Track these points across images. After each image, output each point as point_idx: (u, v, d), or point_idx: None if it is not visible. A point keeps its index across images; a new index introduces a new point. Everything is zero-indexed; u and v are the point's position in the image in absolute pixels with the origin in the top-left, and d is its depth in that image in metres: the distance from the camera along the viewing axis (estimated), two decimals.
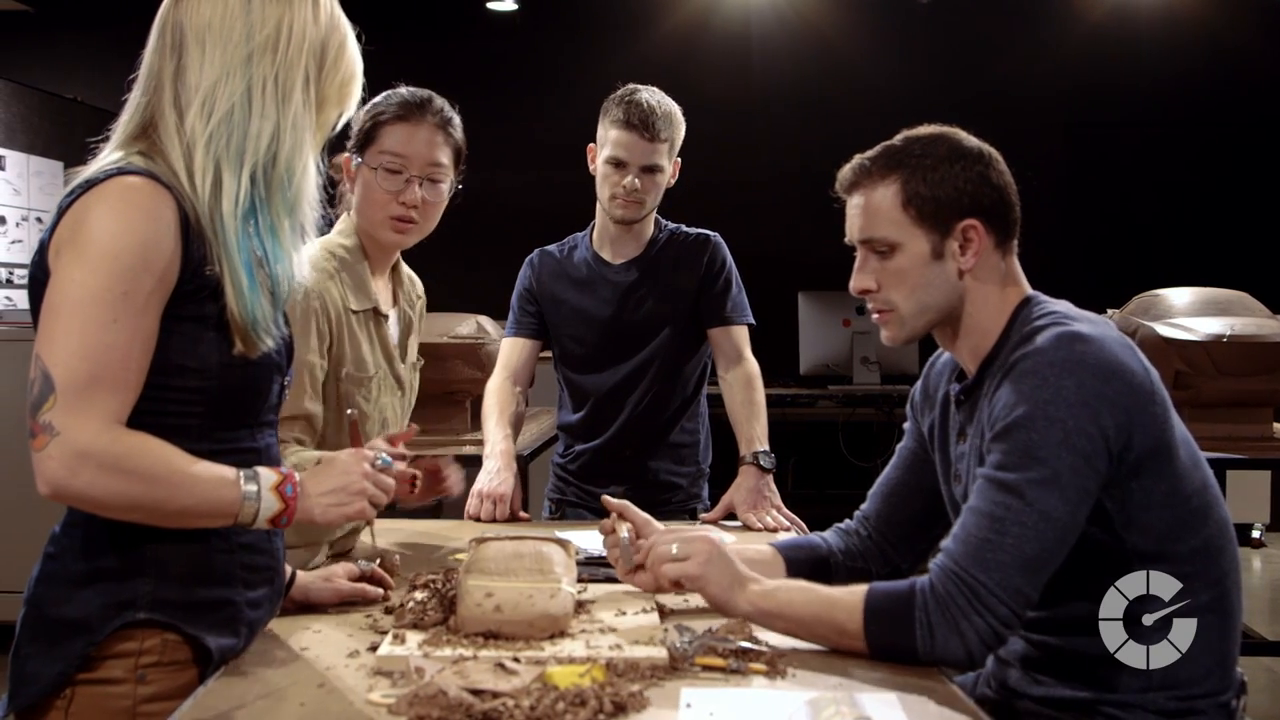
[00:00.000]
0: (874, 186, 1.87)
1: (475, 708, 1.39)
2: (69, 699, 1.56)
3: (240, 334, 1.62)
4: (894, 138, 1.92)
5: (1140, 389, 1.71)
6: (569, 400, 3.10)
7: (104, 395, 1.50)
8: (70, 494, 1.50)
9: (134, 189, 1.55)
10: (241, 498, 1.58)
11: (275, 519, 1.61)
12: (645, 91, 2.87)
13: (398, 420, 2.48)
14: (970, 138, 1.91)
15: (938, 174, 1.84)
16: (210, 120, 1.61)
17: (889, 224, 1.85)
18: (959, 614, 1.64)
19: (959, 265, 1.85)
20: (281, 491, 1.61)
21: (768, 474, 2.79)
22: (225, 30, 1.62)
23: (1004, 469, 1.68)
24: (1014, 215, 1.90)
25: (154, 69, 1.65)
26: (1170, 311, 4.51)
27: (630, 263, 3.01)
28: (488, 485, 2.72)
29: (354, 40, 1.76)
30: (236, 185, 1.61)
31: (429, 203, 2.37)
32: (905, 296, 1.87)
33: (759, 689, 1.56)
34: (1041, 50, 7.65)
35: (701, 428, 3.12)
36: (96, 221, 1.53)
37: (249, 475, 1.60)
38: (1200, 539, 1.76)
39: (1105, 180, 7.79)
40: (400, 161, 2.34)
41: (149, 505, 1.53)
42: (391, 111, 2.37)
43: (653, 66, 7.90)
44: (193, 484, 1.55)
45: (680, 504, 3.05)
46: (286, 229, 1.68)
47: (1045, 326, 1.76)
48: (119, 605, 1.58)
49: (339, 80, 1.73)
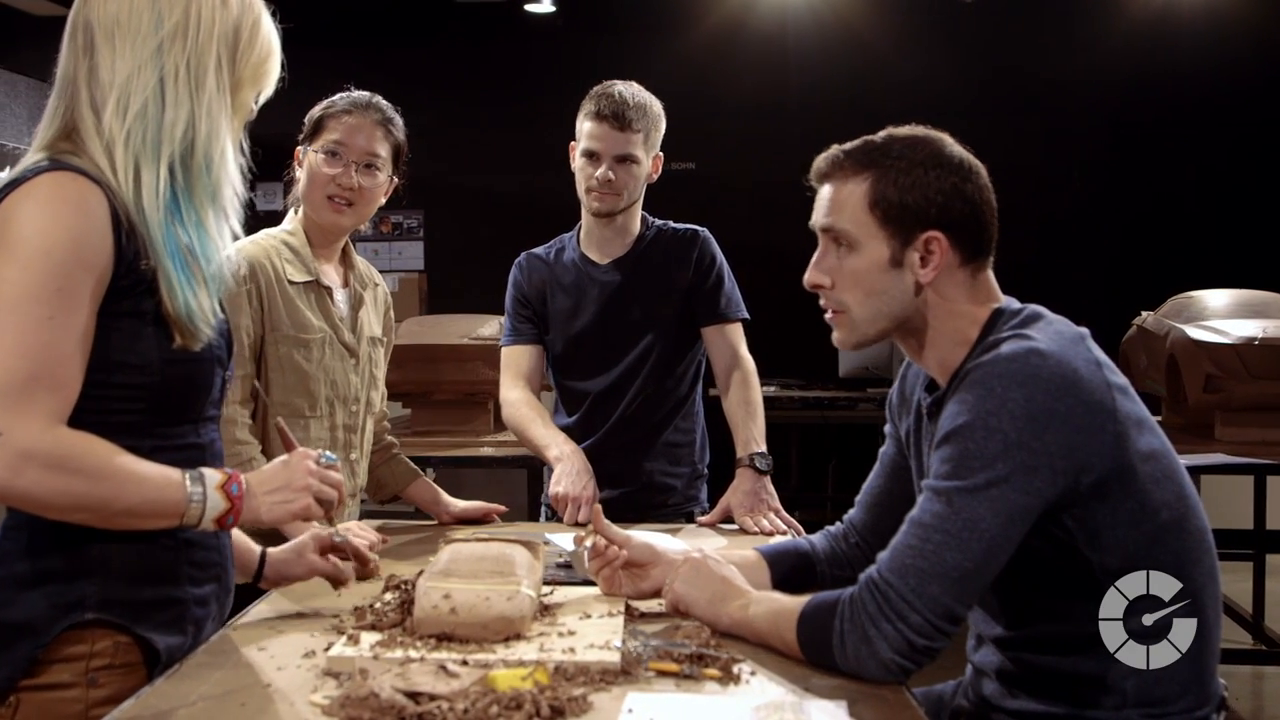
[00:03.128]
0: (845, 180, 1.81)
1: (408, 710, 1.37)
2: (14, 706, 1.55)
3: (178, 328, 1.61)
4: (878, 133, 1.85)
5: (1096, 407, 1.64)
6: (563, 404, 3.07)
7: (44, 394, 1.49)
8: (14, 494, 1.49)
9: (62, 184, 1.55)
10: (187, 498, 1.58)
11: (221, 519, 1.61)
12: (620, 85, 2.86)
13: (356, 388, 2.68)
14: (955, 146, 1.83)
15: (909, 179, 1.76)
16: (126, 117, 1.60)
17: (852, 220, 1.79)
18: (868, 621, 1.59)
19: (917, 277, 1.77)
20: (227, 491, 1.61)
21: (765, 476, 2.75)
22: (133, 23, 1.62)
23: (939, 477, 1.64)
24: (987, 233, 1.81)
25: (68, 73, 1.65)
26: (1203, 313, 4.43)
27: (617, 262, 2.98)
28: (572, 488, 2.66)
29: (269, 19, 1.74)
30: (155, 178, 1.61)
31: (364, 188, 2.62)
32: (858, 300, 1.81)
33: (707, 695, 1.53)
34: (1084, 48, 7.53)
35: (697, 428, 3.08)
36: (26, 218, 1.52)
37: (194, 476, 1.60)
38: (1171, 553, 1.70)
39: (1149, 179, 7.66)
40: (340, 148, 2.60)
41: (94, 505, 1.52)
42: (339, 106, 2.64)
43: (690, 66, 7.92)
44: (138, 484, 1.55)
45: (677, 506, 3.01)
46: (211, 217, 1.67)
47: (1007, 339, 1.69)
48: (66, 606, 1.57)
49: (254, 61, 1.71)
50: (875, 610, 1.59)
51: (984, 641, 1.85)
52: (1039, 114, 7.73)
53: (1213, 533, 1.77)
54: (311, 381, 2.59)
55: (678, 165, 8.19)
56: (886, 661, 1.58)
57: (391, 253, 9.01)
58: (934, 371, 1.85)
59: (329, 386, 2.63)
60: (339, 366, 2.65)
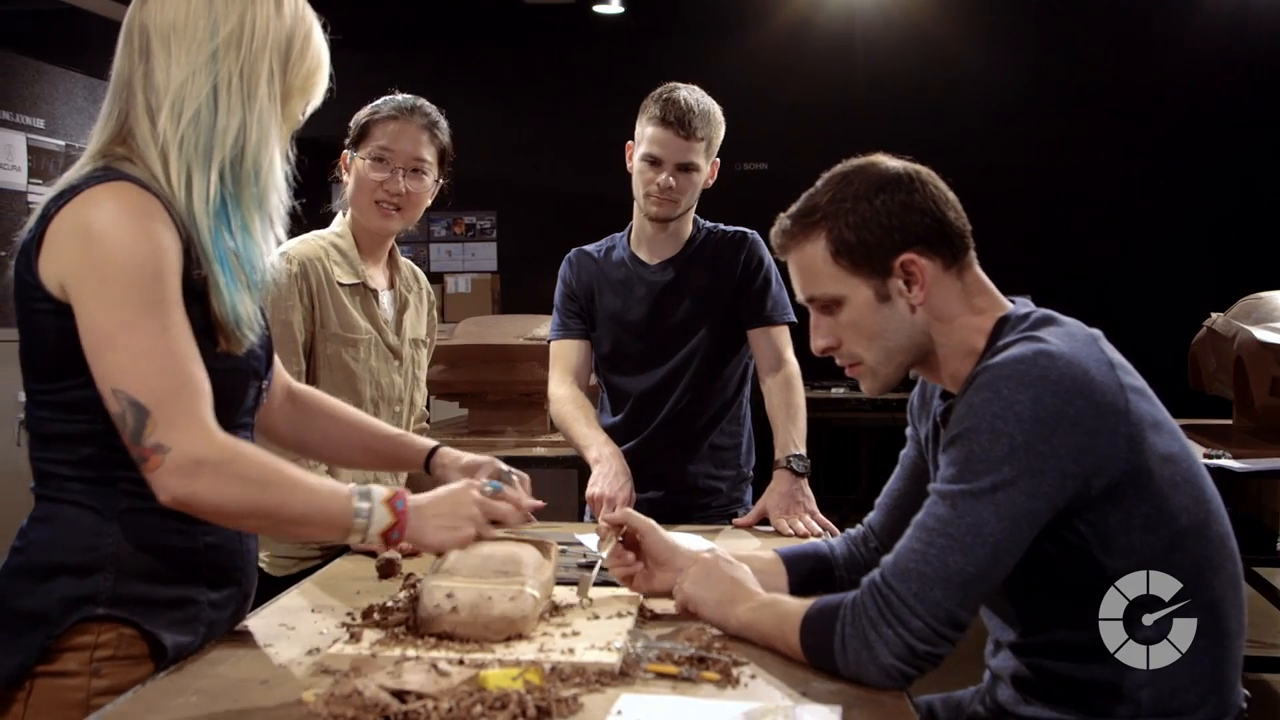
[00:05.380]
0: (802, 245, 1.79)
1: (391, 708, 1.37)
2: (28, 690, 1.59)
3: (224, 332, 1.65)
4: (816, 184, 1.82)
5: (1108, 408, 1.60)
6: (609, 402, 3.07)
7: (193, 400, 1.54)
8: (192, 501, 1.54)
9: (127, 195, 1.57)
10: (354, 511, 1.62)
11: (386, 532, 1.65)
12: (684, 89, 2.84)
13: (400, 389, 2.73)
14: (890, 162, 1.79)
15: (858, 216, 1.73)
16: (180, 122, 1.63)
17: (826, 279, 1.77)
18: (868, 625, 1.57)
19: (910, 301, 1.75)
20: (393, 505, 1.65)
21: (801, 478, 2.72)
22: (189, 29, 1.64)
23: (944, 480, 1.61)
24: (955, 230, 1.77)
25: (123, 75, 1.68)
26: (1272, 314, 4.32)
27: (667, 262, 2.98)
28: (608, 489, 2.67)
29: (319, 32, 1.77)
30: (206, 183, 1.63)
31: (411, 193, 2.65)
32: (866, 347, 1.79)
33: (701, 698, 1.51)
34: (1160, 45, 7.39)
35: (743, 430, 3.06)
36: (108, 237, 1.54)
37: (361, 491, 1.64)
38: (1190, 560, 1.65)
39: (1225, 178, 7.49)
40: (387, 154, 2.63)
41: (266, 510, 1.57)
42: (384, 112, 2.66)
43: (759, 66, 7.90)
44: (307, 491, 1.60)
45: (721, 508, 2.99)
46: (257, 223, 1.70)
47: (1016, 341, 1.66)
48: (79, 600, 1.60)
49: (304, 72, 1.74)
50: (876, 614, 1.57)
51: (1001, 647, 1.82)
52: (1115, 114, 7.59)
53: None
54: (358, 381, 2.65)
55: (750, 166, 8.20)
56: (887, 666, 1.56)
57: (465, 254, 9.09)
58: (949, 386, 1.82)
59: (374, 387, 2.69)
60: (383, 368, 2.70)
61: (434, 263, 8.96)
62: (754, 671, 1.62)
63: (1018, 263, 7.64)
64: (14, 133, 6.29)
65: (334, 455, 2.20)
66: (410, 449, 2.16)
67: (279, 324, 2.49)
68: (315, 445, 2.14)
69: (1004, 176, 7.54)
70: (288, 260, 2.54)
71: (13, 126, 6.28)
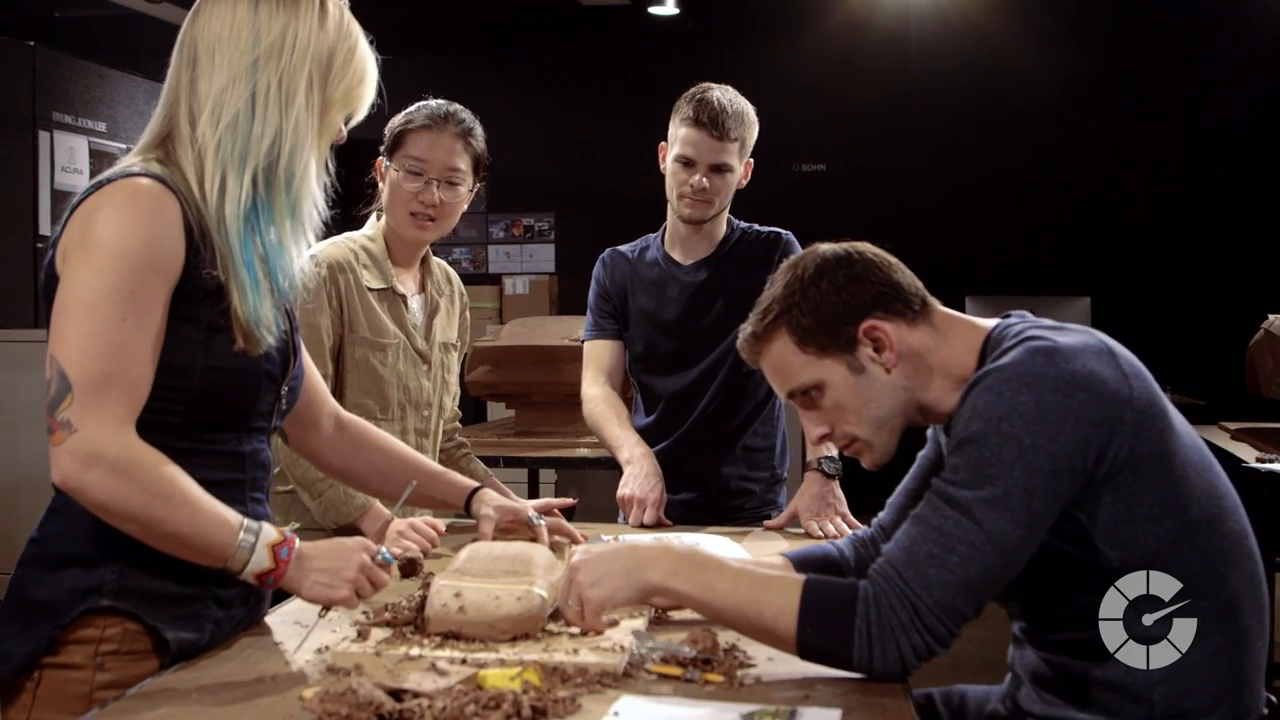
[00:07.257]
0: (769, 347, 1.83)
1: (385, 706, 1.38)
2: (38, 680, 1.63)
3: (243, 332, 1.67)
4: (766, 289, 1.87)
5: (1112, 396, 1.60)
6: (642, 403, 3.07)
7: (117, 394, 1.56)
8: (78, 490, 1.56)
9: (140, 190, 1.62)
10: (236, 544, 1.61)
11: (261, 576, 1.64)
12: (717, 90, 2.83)
13: (429, 393, 2.74)
14: (825, 246, 1.85)
15: (810, 300, 1.78)
16: (218, 127, 1.68)
17: (800, 369, 1.81)
18: (899, 629, 1.57)
19: (883, 365, 1.77)
20: (276, 553, 1.64)
21: (832, 480, 2.70)
22: (233, 40, 1.69)
23: (956, 484, 1.61)
24: (907, 288, 1.81)
25: (173, 84, 1.74)
26: None
27: (701, 263, 2.97)
28: (639, 490, 2.69)
29: (365, 46, 1.81)
30: (239, 187, 1.68)
31: (446, 203, 2.64)
32: (856, 423, 1.81)
33: (700, 700, 1.50)
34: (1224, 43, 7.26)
35: (777, 432, 3.05)
36: (103, 223, 1.59)
37: (252, 527, 1.63)
38: (1200, 554, 1.63)
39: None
40: (421, 165, 2.61)
41: (145, 519, 1.57)
42: (419, 121, 2.64)
43: (813, 66, 7.87)
44: (191, 512, 1.59)
45: (754, 510, 2.98)
46: (288, 229, 1.74)
47: (1016, 344, 1.67)
48: (85, 591, 1.63)
49: (346, 85, 1.77)
50: (907, 620, 1.57)
51: (1022, 644, 1.83)
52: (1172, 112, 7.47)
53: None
54: (385, 385, 2.65)
55: (809, 167, 8.17)
56: (909, 665, 1.59)
57: (523, 255, 9.13)
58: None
59: (402, 391, 2.69)
60: (411, 372, 2.70)
61: (492, 264, 9.02)
62: (759, 674, 1.61)
63: (1073, 263, 7.57)
64: (76, 136, 6.39)
65: (379, 488, 2.24)
66: (452, 488, 2.31)
67: (306, 327, 2.49)
68: (361, 476, 2.21)
69: (1060, 175, 7.46)
70: (316, 264, 2.53)
71: (75, 130, 6.39)
